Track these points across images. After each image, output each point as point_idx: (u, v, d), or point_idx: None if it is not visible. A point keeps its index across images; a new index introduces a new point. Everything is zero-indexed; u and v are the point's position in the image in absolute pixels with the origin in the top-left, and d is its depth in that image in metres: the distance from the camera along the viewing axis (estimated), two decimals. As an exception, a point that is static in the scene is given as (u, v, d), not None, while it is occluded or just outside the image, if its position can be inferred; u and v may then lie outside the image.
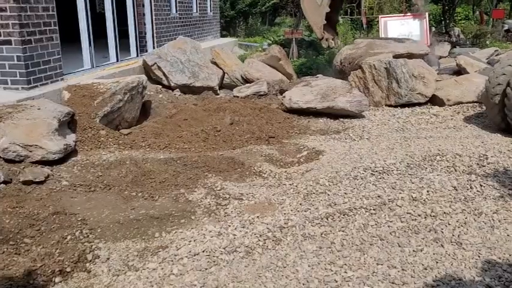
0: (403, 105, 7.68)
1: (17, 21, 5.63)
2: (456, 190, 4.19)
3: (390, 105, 7.78)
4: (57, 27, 6.45)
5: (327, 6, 7.78)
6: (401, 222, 3.69)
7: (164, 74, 8.38)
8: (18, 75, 5.80)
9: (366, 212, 3.87)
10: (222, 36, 16.51)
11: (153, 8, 9.92)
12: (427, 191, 4.15)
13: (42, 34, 6.11)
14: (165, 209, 4.01)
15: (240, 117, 6.61)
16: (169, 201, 4.16)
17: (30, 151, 4.50)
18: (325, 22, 7.92)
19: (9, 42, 5.70)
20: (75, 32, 7.60)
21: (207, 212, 3.99)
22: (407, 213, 3.81)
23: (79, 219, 3.72)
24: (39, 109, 4.96)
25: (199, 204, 4.12)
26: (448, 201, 4.00)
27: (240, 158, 5.26)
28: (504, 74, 5.96)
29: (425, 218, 3.74)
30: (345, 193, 4.24)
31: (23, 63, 5.76)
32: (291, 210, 3.98)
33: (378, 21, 13.95)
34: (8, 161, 4.43)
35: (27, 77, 5.83)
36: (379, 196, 4.12)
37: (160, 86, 8.34)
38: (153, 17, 9.99)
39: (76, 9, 7.25)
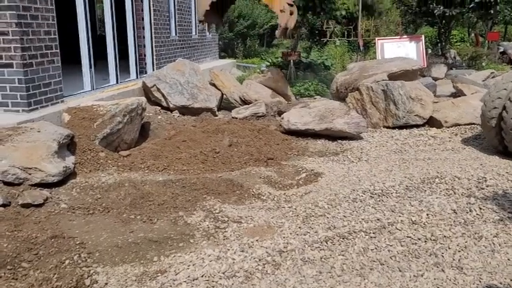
0: (401, 127, 7.74)
1: (19, 45, 5.69)
2: (456, 213, 4.19)
3: (388, 127, 7.83)
4: (58, 50, 6.52)
5: None
6: (402, 246, 3.68)
7: (163, 96, 8.43)
8: (19, 97, 5.84)
9: (366, 235, 3.86)
10: (221, 57, 16.69)
11: (153, 30, 10.05)
12: (427, 214, 4.15)
13: (44, 57, 6.18)
14: (163, 232, 3.99)
15: (239, 138, 6.63)
16: (168, 224, 4.14)
17: (30, 174, 4.50)
18: (209, 8, 8.40)
19: (10, 66, 5.75)
20: (75, 53, 7.68)
21: (206, 235, 3.97)
22: (407, 236, 3.80)
23: (77, 242, 3.69)
24: (39, 131, 4.98)
25: (198, 228, 4.10)
26: (448, 224, 3.99)
27: (239, 180, 5.26)
28: (499, 98, 6.03)
29: (425, 241, 3.73)
30: (344, 216, 4.24)
31: (24, 85, 5.80)
32: (290, 233, 3.96)
33: (374, 43, 14.15)
34: (7, 183, 4.42)
35: (27, 99, 5.87)
36: (378, 219, 4.12)
37: (160, 108, 8.39)
38: (153, 39, 10.11)
39: (77, 32, 7.34)
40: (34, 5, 5.97)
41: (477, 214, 4.18)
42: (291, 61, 12.04)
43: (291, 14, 8.12)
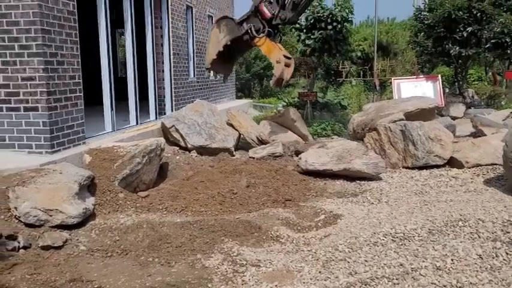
0: (420, 167, 7.64)
1: (45, 89, 5.91)
2: (481, 258, 4.05)
3: (407, 167, 7.74)
4: (82, 94, 6.74)
5: (221, 45, 8.41)
6: (426, 293, 3.55)
7: (181, 136, 8.55)
8: (42, 140, 6.00)
9: (389, 281, 3.74)
10: (238, 97, 16.99)
11: (172, 73, 10.34)
12: (451, 260, 4.02)
13: (68, 101, 6.39)
14: (181, 276, 3.94)
15: (256, 179, 6.62)
16: (186, 268, 4.10)
17: (51, 215, 4.55)
18: (216, 57, 8.50)
19: (36, 109, 5.95)
20: (97, 94, 7.92)
21: (224, 279, 3.91)
22: (432, 283, 3.67)
23: (95, 286, 3.67)
24: (61, 173, 5.07)
25: (216, 271, 4.04)
26: (474, 270, 3.85)
27: (257, 222, 5.22)
28: (521, 138, 5.94)
29: (451, 288, 3.60)
30: (366, 261, 4.13)
31: (48, 128, 5.97)
32: (310, 278, 3.87)
33: (390, 83, 14.24)
34: (28, 225, 4.48)
35: (51, 141, 6.02)
36: (401, 264, 4.00)
37: (178, 148, 8.49)
38: (172, 81, 10.39)
39: (99, 74, 7.60)
40: (60, 51, 6.24)
41: (504, 259, 4.03)
42: (308, 101, 12.17)
43: (288, 66, 8.31)
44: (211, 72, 9.01)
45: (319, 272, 3.99)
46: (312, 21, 11.99)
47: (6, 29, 5.87)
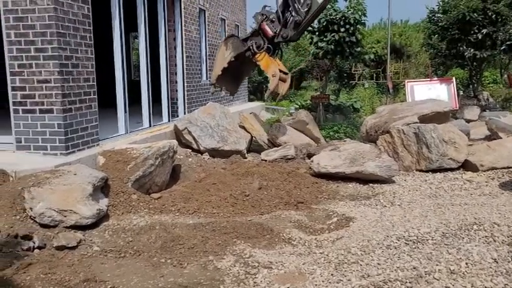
0: (434, 170, 7.56)
1: (60, 92, 5.99)
2: (497, 262, 3.98)
3: (421, 170, 7.67)
4: (96, 96, 6.81)
5: (226, 61, 8.57)
6: (440, 297, 3.50)
7: (194, 139, 8.59)
8: (57, 141, 6.08)
9: (402, 285, 3.70)
10: (250, 100, 17.02)
11: (185, 75, 10.40)
12: (466, 263, 3.96)
13: (82, 103, 6.47)
14: (193, 277, 3.95)
15: (268, 181, 6.62)
16: (198, 269, 4.11)
17: (65, 216, 4.60)
18: (221, 73, 8.63)
19: (51, 111, 6.04)
20: (111, 97, 8.00)
21: (236, 281, 3.91)
22: (446, 287, 3.62)
23: (109, 286, 3.70)
24: (75, 174, 5.14)
25: (228, 273, 4.05)
26: (489, 274, 3.79)
27: (269, 224, 5.21)
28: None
29: (465, 292, 3.55)
30: (379, 264, 4.10)
31: (63, 130, 6.05)
32: (322, 281, 3.85)
33: (403, 86, 14.14)
34: (43, 225, 4.54)
35: (65, 143, 6.10)
36: (414, 268, 3.96)
37: (190, 150, 8.53)
38: (185, 84, 10.45)
39: (113, 77, 7.68)
40: (75, 54, 6.32)
41: (520, 264, 3.96)
42: (320, 104, 12.14)
43: (284, 81, 8.47)
44: (216, 87, 9.13)
45: (332, 274, 3.96)
46: (324, 24, 11.98)
47: (22, 32, 5.97)
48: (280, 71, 8.40)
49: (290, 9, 8.22)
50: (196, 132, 8.58)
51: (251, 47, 8.44)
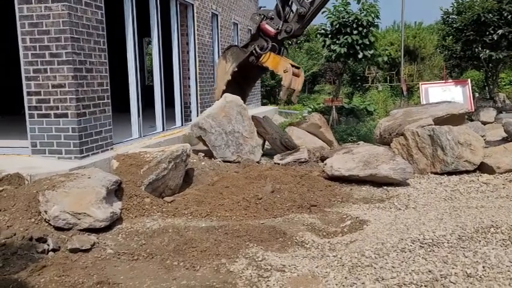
0: (449, 173, 7.45)
1: (74, 96, 6.07)
2: (515, 266, 3.89)
3: (436, 173, 7.56)
4: (109, 101, 6.89)
5: (229, 74, 8.29)
6: (456, 301, 3.43)
7: (207, 145, 8.55)
8: (72, 145, 6.15)
9: (417, 288, 3.64)
10: (263, 104, 17.03)
11: (198, 80, 10.46)
12: (483, 267, 3.88)
13: (96, 107, 6.54)
14: (206, 280, 3.95)
15: (281, 184, 6.59)
16: (211, 272, 4.10)
17: (79, 219, 4.64)
18: (225, 87, 8.33)
19: (66, 115, 6.12)
20: (125, 101, 8.07)
21: (249, 284, 3.89)
22: (462, 291, 3.55)
23: (121, 289, 3.72)
24: (89, 178, 5.18)
25: (240, 276, 4.03)
26: (507, 278, 3.71)
27: (282, 227, 5.18)
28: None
29: (482, 297, 3.47)
30: (393, 267, 4.03)
31: (77, 134, 6.13)
32: (336, 284, 3.81)
33: (418, 88, 14.00)
34: (58, 228, 4.58)
35: (80, 147, 6.17)
36: (430, 271, 3.89)
37: (203, 154, 8.53)
38: (198, 88, 10.50)
39: (127, 81, 7.76)
40: (89, 59, 6.40)
41: (539, 267, 3.86)
42: (334, 107, 12.08)
43: (297, 76, 7.99)
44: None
45: (345, 277, 3.92)
46: (337, 27, 11.94)
47: (37, 37, 6.07)
48: (292, 65, 8.00)
49: (290, 3, 7.86)
50: (210, 142, 8.31)
51: (254, 51, 8.04)
